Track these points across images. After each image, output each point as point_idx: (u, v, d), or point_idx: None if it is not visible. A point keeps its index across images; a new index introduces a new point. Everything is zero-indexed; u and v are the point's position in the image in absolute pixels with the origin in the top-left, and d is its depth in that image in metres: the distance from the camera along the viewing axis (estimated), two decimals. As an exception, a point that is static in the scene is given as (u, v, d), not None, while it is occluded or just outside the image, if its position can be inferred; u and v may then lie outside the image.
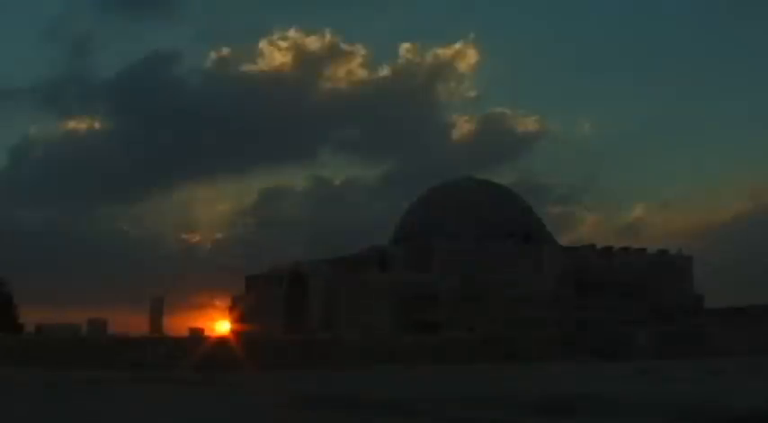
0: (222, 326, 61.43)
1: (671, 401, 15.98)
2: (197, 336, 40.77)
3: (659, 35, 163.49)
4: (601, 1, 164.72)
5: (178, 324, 75.31)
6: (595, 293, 58.83)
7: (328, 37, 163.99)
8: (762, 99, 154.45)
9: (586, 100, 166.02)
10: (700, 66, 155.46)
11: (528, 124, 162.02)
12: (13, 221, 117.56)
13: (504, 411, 15.24)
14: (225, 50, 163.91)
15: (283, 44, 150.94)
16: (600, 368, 35.22)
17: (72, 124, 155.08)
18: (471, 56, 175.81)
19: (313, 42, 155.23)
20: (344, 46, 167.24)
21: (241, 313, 60.79)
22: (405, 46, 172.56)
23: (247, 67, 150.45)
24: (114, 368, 31.75)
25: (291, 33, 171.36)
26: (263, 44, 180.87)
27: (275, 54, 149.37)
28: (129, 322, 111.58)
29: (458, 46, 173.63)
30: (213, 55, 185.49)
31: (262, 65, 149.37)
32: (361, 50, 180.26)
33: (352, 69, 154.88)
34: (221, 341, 39.85)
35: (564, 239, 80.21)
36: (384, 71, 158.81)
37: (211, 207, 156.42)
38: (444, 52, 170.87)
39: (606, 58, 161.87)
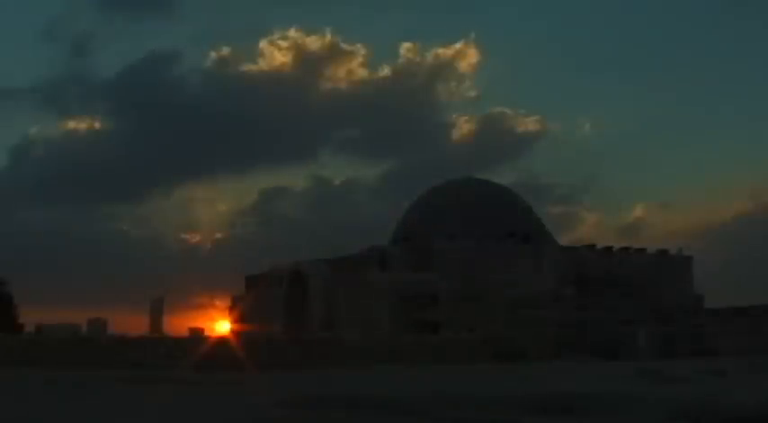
0: (222, 326, 61.55)
1: (671, 401, 15.96)
2: (197, 336, 40.79)
3: (659, 35, 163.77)
4: (601, 1, 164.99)
5: (178, 324, 75.65)
6: (595, 293, 58.83)
7: (328, 37, 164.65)
8: (762, 99, 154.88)
9: (586, 100, 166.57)
10: (700, 66, 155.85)
11: (528, 124, 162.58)
12: (13, 221, 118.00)
13: (504, 411, 15.23)
14: (225, 50, 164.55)
15: (283, 44, 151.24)
16: (600, 368, 35.21)
17: (72, 124, 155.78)
18: (472, 56, 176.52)
19: (313, 42, 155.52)
20: (344, 46, 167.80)
21: (241, 313, 60.80)
22: (405, 46, 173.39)
23: (247, 67, 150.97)
24: (114, 368, 31.74)
25: (291, 33, 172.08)
26: (263, 44, 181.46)
27: (275, 54, 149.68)
28: (129, 322, 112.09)
29: (458, 46, 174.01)
30: (213, 55, 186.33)
31: (262, 65, 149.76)
32: (361, 50, 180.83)
33: (352, 69, 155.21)
34: (221, 341, 39.83)
35: (564, 239, 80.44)
36: (384, 71, 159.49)
37: (211, 207, 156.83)
38: (445, 52, 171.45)
39: (606, 58, 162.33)
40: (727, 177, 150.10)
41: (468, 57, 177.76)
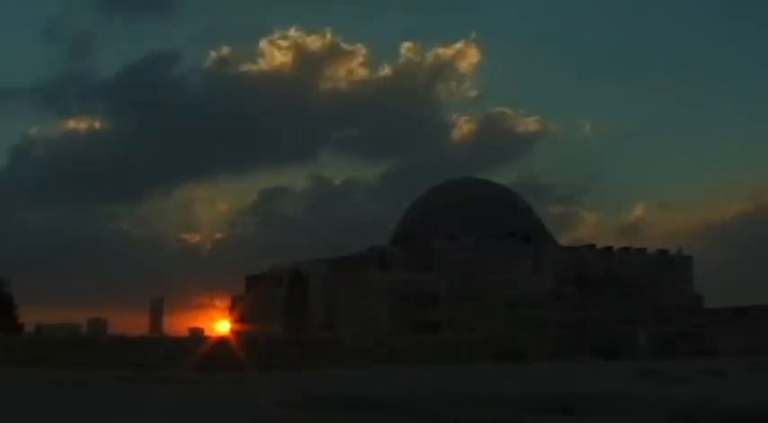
0: (222, 326, 61.52)
1: (671, 401, 15.96)
2: (197, 336, 40.78)
3: (659, 35, 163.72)
4: (601, 1, 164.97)
5: (178, 324, 75.59)
6: (595, 293, 58.82)
7: (328, 37, 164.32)
8: (762, 99, 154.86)
9: (586, 100, 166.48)
10: (699, 66, 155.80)
11: (528, 124, 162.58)
12: (13, 221, 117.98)
13: (504, 411, 15.22)
14: (225, 50, 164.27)
15: (283, 44, 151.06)
16: (600, 368, 35.20)
17: (72, 124, 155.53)
18: (472, 55, 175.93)
19: (313, 42, 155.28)
20: (344, 46, 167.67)
21: (241, 313, 60.79)
22: (405, 45, 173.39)
23: (247, 67, 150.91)
24: (114, 368, 31.74)
25: (291, 33, 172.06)
26: (263, 44, 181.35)
27: (275, 54, 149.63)
28: (129, 322, 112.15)
29: (458, 45, 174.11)
30: (213, 55, 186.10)
31: (262, 65, 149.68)
32: (361, 50, 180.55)
33: (353, 69, 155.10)
34: (221, 341, 39.84)
35: (564, 239, 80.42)
36: (384, 71, 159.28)
37: (211, 207, 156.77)
38: (445, 52, 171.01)
39: (606, 58, 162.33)
40: (727, 177, 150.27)
41: (468, 57, 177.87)
